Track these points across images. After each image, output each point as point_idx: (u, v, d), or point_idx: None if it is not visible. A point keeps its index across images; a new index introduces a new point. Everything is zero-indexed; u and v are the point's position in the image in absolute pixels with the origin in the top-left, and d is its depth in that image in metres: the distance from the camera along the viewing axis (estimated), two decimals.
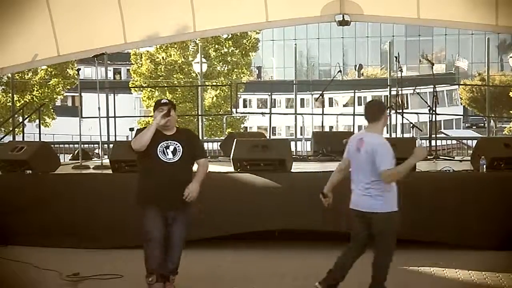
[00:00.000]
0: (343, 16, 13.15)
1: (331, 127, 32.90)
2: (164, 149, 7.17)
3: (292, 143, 17.10)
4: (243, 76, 37.95)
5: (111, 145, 13.47)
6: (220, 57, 36.95)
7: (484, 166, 10.01)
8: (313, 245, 9.66)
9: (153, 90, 35.37)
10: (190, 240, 7.69)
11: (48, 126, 34.93)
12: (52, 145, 12.14)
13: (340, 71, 21.87)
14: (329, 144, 13.09)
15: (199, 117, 27.68)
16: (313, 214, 9.12)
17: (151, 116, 11.10)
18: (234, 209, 9.74)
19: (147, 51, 36.87)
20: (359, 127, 15.25)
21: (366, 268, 6.77)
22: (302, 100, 51.24)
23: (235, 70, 37.10)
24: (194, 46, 36.41)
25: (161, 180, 7.13)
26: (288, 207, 9.60)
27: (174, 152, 7.18)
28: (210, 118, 35.78)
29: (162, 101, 7.39)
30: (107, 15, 12.83)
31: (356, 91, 33.77)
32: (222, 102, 36.44)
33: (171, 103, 7.41)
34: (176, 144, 7.21)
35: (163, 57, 36.54)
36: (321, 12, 13.28)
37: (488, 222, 9.35)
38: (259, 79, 66.17)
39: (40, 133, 16.64)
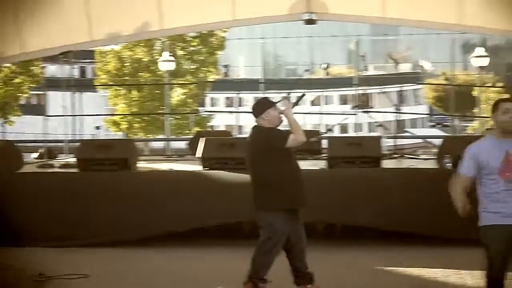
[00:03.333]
0: (310, 15, 13.19)
1: None
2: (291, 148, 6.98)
3: None
4: (210, 74, 37.90)
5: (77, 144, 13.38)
6: (187, 55, 36.87)
7: (449, 164, 10.10)
8: None
9: (119, 88, 35.17)
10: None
11: (12, 125, 34.57)
12: (17, 144, 12.03)
13: (307, 70, 21.89)
14: None
15: (166, 115, 27.60)
16: None
17: (118, 115, 11.01)
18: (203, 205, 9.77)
19: (112, 49, 36.65)
20: (326, 126, 15.32)
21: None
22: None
23: (202, 68, 37.04)
24: (160, 44, 36.28)
25: (300, 181, 7.00)
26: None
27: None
28: (177, 117, 35.68)
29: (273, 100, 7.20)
30: (73, 13, 12.72)
31: (323, 90, 33.87)
32: (189, 100, 36.37)
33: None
34: None
35: (129, 55, 36.35)
36: (288, 11, 13.30)
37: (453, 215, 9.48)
38: (226, 77, 66.13)
39: (3, 132, 16.46)
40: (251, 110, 7.06)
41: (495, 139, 5.51)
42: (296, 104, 7.09)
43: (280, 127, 7.00)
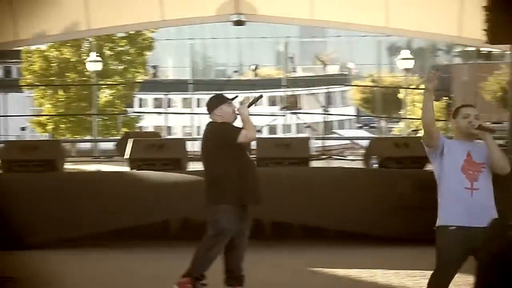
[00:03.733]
0: (238, 17, 13.22)
1: None
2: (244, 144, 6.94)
3: (189, 143, 17.04)
4: (139, 75, 37.61)
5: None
6: (115, 55, 36.51)
7: (376, 165, 10.26)
8: None
9: (45, 88, 34.60)
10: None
11: None
12: None
13: (236, 71, 21.91)
14: None
15: (94, 116, 27.28)
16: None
17: (44, 115, 10.82)
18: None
19: (38, 49, 36.02)
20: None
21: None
22: (198, 99, 51.16)
23: (130, 69, 36.73)
24: (88, 44, 35.84)
25: (255, 179, 6.93)
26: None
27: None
28: (105, 118, 35.29)
29: (227, 96, 7.13)
30: None
31: (252, 91, 33.96)
32: (117, 101, 36.03)
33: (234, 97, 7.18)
34: None
35: (56, 55, 35.80)
36: (216, 12, 13.31)
37: (381, 213, 9.67)
38: (155, 78, 65.68)
39: None
40: (180, 111, 7.04)
41: (456, 141, 5.59)
42: (251, 104, 7.02)
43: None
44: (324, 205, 9.69)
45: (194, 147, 20.32)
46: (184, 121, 40.75)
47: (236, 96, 7.20)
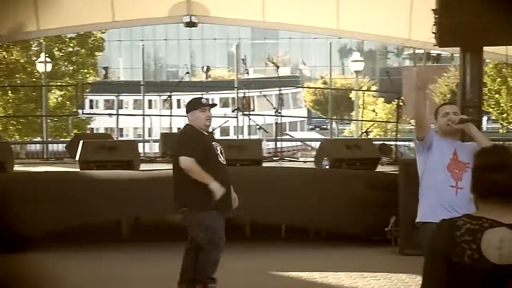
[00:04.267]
0: (190, 18, 13.19)
1: (179, 129, 32.84)
2: (216, 150, 6.83)
3: (140, 145, 16.99)
4: (89, 76, 37.25)
5: None
6: (64, 56, 36.10)
7: (327, 167, 10.32)
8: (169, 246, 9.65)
9: None
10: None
11: None
12: None
13: (188, 72, 21.87)
14: None
15: (44, 118, 26.94)
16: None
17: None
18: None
19: None
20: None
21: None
22: (150, 101, 50.86)
23: (81, 70, 36.35)
24: (37, 45, 35.39)
25: (226, 182, 6.76)
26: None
27: (221, 153, 6.89)
28: (55, 119, 34.87)
29: (204, 101, 6.99)
30: None
31: (203, 92, 33.90)
32: (68, 102, 35.61)
33: (212, 104, 7.07)
34: (219, 146, 6.93)
35: (4, 56, 35.28)
36: (168, 13, 13.26)
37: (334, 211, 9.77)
38: (106, 79, 65.16)
39: None
40: (131, 113, 7.01)
41: (441, 137, 5.59)
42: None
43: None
44: (276, 204, 9.72)
45: (145, 148, 20.26)
46: (135, 122, 40.47)
47: (215, 104, 7.17)
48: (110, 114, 34.24)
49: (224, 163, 6.86)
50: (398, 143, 16.12)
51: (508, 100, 28.53)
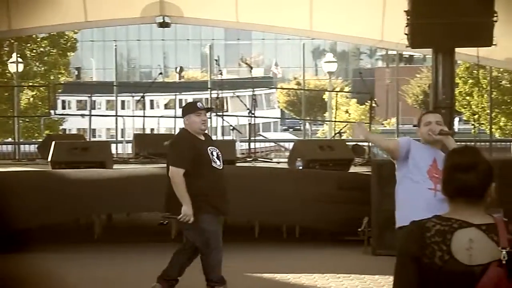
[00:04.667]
0: (163, 18, 13.15)
1: (152, 129, 32.71)
2: (211, 155, 6.78)
3: (113, 145, 16.90)
4: (61, 76, 37.02)
5: None
6: (36, 57, 35.84)
7: (300, 167, 10.34)
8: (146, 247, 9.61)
9: None
10: None
11: None
12: None
13: (161, 73, 21.81)
14: (150, 146, 13.05)
15: (15, 118, 26.71)
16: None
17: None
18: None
19: None
20: (180, 129, 15.32)
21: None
22: (123, 102, 50.65)
23: (53, 70, 36.12)
24: (8, 45, 35.09)
25: (220, 188, 6.78)
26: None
27: (218, 158, 6.84)
28: (27, 120, 34.61)
29: (199, 105, 6.96)
30: None
31: (177, 93, 33.80)
32: (40, 103, 35.37)
33: (207, 107, 7.03)
34: (216, 150, 6.88)
35: None
36: (141, 14, 13.22)
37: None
38: (78, 80, 64.79)
39: None
40: (104, 114, 7.01)
41: (424, 144, 5.62)
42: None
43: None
44: (249, 203, 9.74)
45: (118, 149, 20.16)
46: (108, 123, 40.28)
47: (211, 108, 7.16)
48: (82, 115, 34.07)
49: (221, 167, 6.84)
50: (371, 144, 16.19)
51: (480, 101, 28.75)
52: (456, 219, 2.83)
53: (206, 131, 7.05)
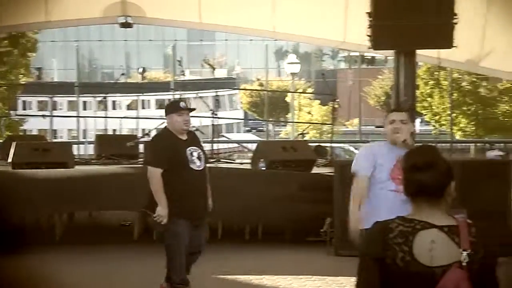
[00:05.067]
0: (125, 19, 13.08)
1: (114, 130, 32.55)
2: (190, 156, 6.72)
3: (75, 146, 16.77)
4: (22, 77, 36.64)
5: None
6: None
7: (263, 168, 10.35)
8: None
9: None
10: None
11: None
12: None
13: (123, 74, 21.67)
14: (113, 147, 12.97)
15: None
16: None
17: None
18: None
19: None
20: (143, 130, 15.26)
21: None
22: (84, 102, 50.26)
23: (13, 70, 35.73)
24: None
25: (194, 191, 6.72)
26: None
27: (199, 158, 6.78)
28: None
29: (182, 105, 6.93)
30: None
31: (139, 94, 33.63)
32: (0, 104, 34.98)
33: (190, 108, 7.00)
34: (198, 150, 6.82)
35: None
36: (103, 14, 13.12)
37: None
38: (39, 80, 64.14)
39: None
40: (65, 114, 6.98)
41: (390, 145, 5.61)
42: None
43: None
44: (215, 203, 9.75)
45: (80, 150, 20.01)
46: (70, 124, 39.93)
47: (193, 109, 7.17)
48: (43, 116, 33.72)
49: (200, 168, 6.78)
50: (333, 145, 16.28)
51: (440, 102, 29.05)
52: (419, 220, 2.85)
53: (192, 131, 7.08)
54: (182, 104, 7.01)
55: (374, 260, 2.84)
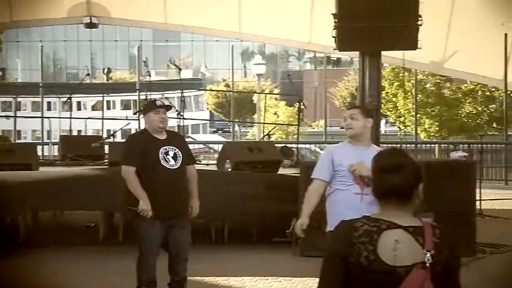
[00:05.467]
0: (90, 19, 13.01)
1: (79, 131, 32.31)
2: (165, 155, 6.67)
3: (39, 147, 16.61)
4: None
5: None
6: None
7: (229, 169, 10.34)
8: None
9: None
10: None
11: None
12: None
13: (88, 74, 21.52)
14: (77, 148, 12.88)
15: None
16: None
17: None
18: None
19: None
20: (108, 131, 15.17)
21: None
22: (49, 103, 49.85)
23: None
24: None
25: (166, 190, 6.61)
26: None
27: (175, 157, 6.71)
28: None
29: (158, 103, 6.91)
30: None
31: (104, 95, 33.42)
32: None
33: (167, 105, 6.96)
34: (175, 149, 6.75)
35: None
36: (68, 14, 13.05)
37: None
38: (3, 81, 63.49)
39: None
40: (29, 115, 6.94)
41: (350, 144, 5.62)
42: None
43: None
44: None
45: (44, 151, 19.82)
46: (34, 125, 39.60)
47: (170, 107, 7.15)
48: (7, 116, 33.39)
49: (175, 167, 6.71)
50: (299, 145, 16.31)
51: (405, 104, 29.26)
52: (385, 220, 2.87)
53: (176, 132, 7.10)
54: (158, 102, 7.00)
55: (339, 259, 2.85)
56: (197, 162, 13.94)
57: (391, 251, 2.81)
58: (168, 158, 6.69)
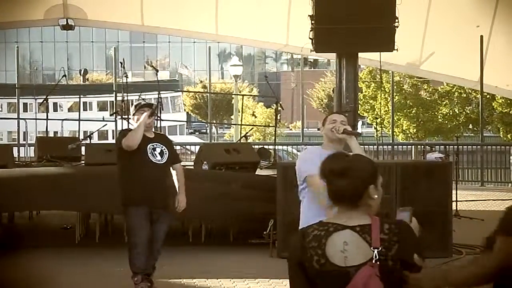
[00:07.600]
0: (67, 21, 12.97)
1: (55, 133, 32.15)
2: (152, 150, 7.12)
3: (15, 149, 16.50)
4: None
5: None
6: None
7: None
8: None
9: None
10: None
11: None
12: None
13: (64, 75, 21.43)
14: (54, 149, 12.80)
15: None
16: None
17: None
18: None
19: None
20: (85, 133, 15.09)
21: None
22: (25, 104, 49.56)
23: None
24: None
25: (151, 180, 7.02)
26: None
27: (161, 154, 7.17)
28: None
29: (144, 104, 7.37)
30: None
31: (81, 96, 33.27)
32: None
33: (152, 105, 7.51)
34: (162, 147, 7.21)
35: None
36: (44, 16, 12.99)
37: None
38: None
39: None
40: (5, 116, 7.04)
41: (321, 149, 5.61)
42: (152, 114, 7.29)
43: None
44: None
45: (21, 153, 19.68)
46: (10, 126, 39.35)
47: (156, 107, 7.53)
48: None
49: (161, 162, 7.15)
50: (277, 147, 16.34)
51: (383, 105, 29.41)
52: (333, 223, 2.93)
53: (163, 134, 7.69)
54: (142, 102, 7.52)
55: (297, 265, 2.92)
56: None
57: (340, 252, 2.85)
58: (155, 154, 7.15)
